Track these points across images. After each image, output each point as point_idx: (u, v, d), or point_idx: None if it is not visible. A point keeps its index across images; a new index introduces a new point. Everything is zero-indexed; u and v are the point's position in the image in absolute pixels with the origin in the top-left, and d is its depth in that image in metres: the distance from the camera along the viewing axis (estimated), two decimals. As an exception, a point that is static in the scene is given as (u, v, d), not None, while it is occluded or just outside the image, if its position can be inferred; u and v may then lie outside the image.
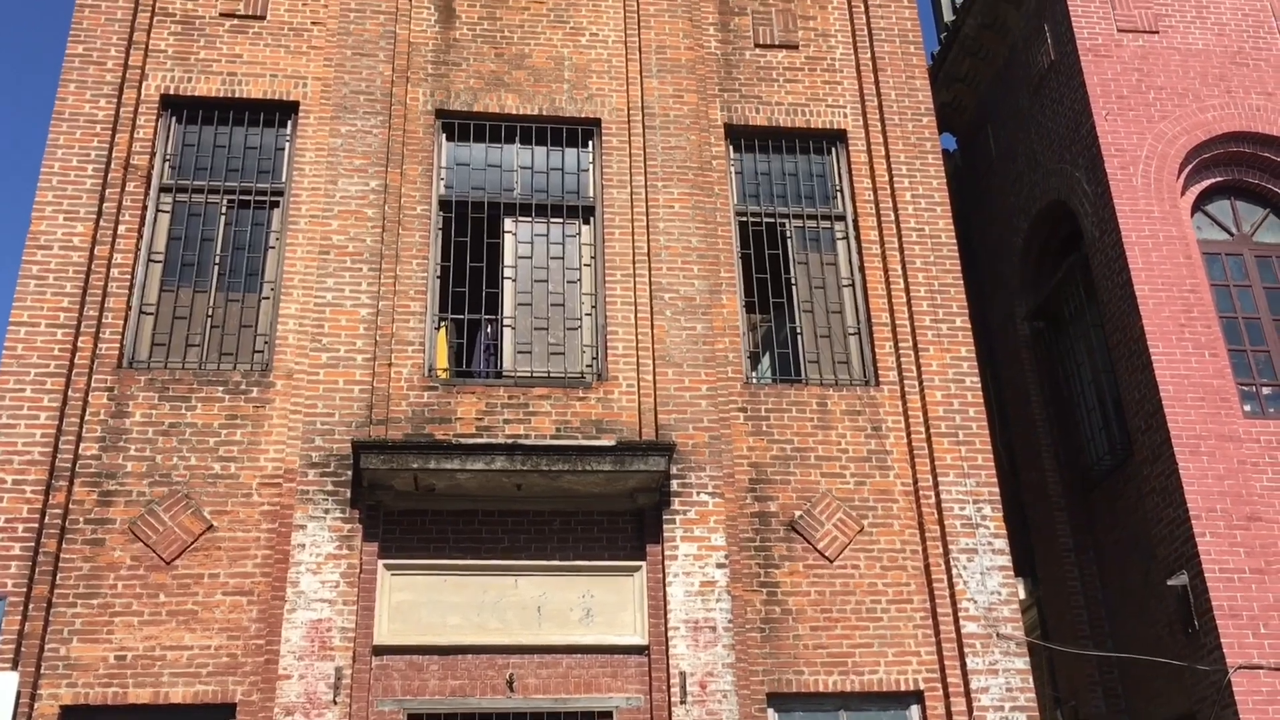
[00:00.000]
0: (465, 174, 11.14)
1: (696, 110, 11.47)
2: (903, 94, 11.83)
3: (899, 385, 10.64)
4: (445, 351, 11.10)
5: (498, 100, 11.32)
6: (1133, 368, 11.56)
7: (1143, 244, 11.68)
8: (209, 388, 9.82)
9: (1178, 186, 12.18)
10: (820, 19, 12.21)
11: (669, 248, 10.86)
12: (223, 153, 10.92)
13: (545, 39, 11.66)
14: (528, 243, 10.96)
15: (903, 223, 11.24)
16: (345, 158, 10.77)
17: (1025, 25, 14.10)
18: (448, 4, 11.69)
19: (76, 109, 10.54)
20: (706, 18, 12.06)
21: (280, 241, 10.54)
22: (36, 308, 9.76)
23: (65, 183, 10.23)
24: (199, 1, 11.34)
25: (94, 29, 10.91)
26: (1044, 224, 13.91)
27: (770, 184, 11.59)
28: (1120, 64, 12.63)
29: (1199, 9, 13.04)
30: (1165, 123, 12.31)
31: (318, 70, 11.19)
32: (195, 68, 11.04)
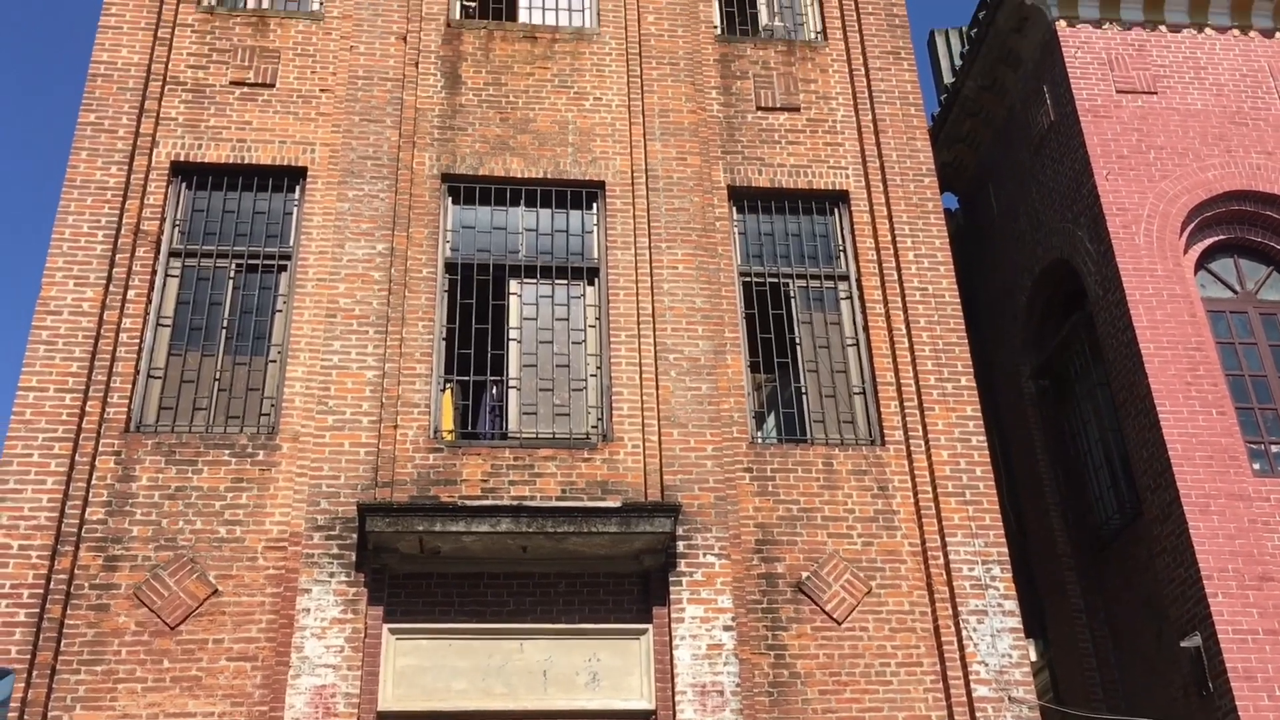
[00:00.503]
0: (471, 236, 11.24)
1: (699, 172, 11.58)
2: (904, 155, 11.93)
3: (905, 445, 10.62)
4: (451, 413, 11.11)
5: (503, 164, 11.44)
6: (1140, 426, 11.54)
7: (1146, 302, 11.71)
8: (215, 451, 9.84)
9: (1180, 245, 12.24)
10: (821, 82, 12.36)
11: (673, 308, 10.91)
12: (231, 218, 11.04)
13: (550, 104, 11.82)
14: (533, 304, 11.02)
15: (906, 282, 11.29)
16: (352, 221, 10.88)
17: (1024, 87, 14.27)
18: (454, 71, 11.86)
19: (88, 176, 10.68)
20: (709, 82, 12.21)
21: (288, 305, 10.61)
22: (45, 373, 9.82)
23: (76, 249, 10.34)
24: (210, 70, 11.53)
25: (106, 98, 11.09)
26: (1047, 282, 13.96)
27: (774, 244, 11.67)
28: (1120, 124, 12.75)
29: (1197, 70, 13.19)
30: (1166, 182, 12.40)
31: (326, 136, 11.33)
32: (205, 135, 11.20)
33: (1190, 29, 13.53)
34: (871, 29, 12.55)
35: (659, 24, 12.34)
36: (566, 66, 12.03)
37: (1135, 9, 13.50)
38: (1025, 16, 13.91)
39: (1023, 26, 14.03)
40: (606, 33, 12.29)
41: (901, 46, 12.50)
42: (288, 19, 11.89)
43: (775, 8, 13.06)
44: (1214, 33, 13.55)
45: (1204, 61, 13.27)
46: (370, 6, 11.98)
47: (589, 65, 12.07)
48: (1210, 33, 13.54)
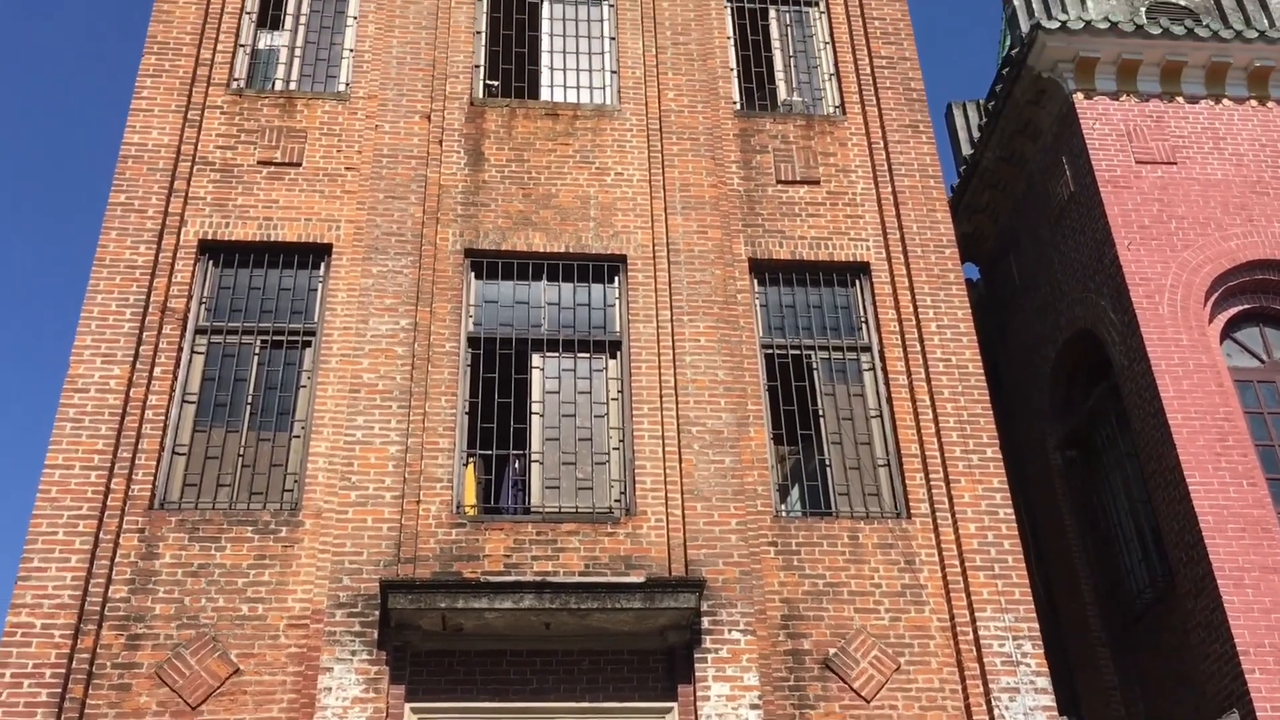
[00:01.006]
0: (493, 311, 11.30)
1: (720, 245, 11.64)
2: (924, 226, 11.97)
3: (931, 518, 10.50)
4: (473, 488, 11.08)
5: (525, 239, 11.54)
6: (1170, 498, 11.39)
7: (1173, 372, 11.63)
8: (238, 528, 9.83)
9: (1205, 314, 12.19)
10: (840, 155, 12.45)
11: (695, 381, 10.90)
12: (257, 294, 11.14)
13: (571, 179, 11.94)
14: (555, 378, 11.04)
15: (929, 353, 11.25)
16: (376, 297, 10.96)
17: (1043, 158, 14.34)
18: (477, 148, 12.02)
19: (117, 255, 10.83)
20: (729, 156, 12.32)
21: (312, 380, 10.66)
22: (72, 450, 9.87)
23: (104, 327, 10.45)
24: (238, 150, 11.72)
25: (136, 178, 11.27)
26: (1072, 352, 13.90)
27: (795, 316, 11.67)
28: (1140, 194, 12.77)
29: (1216, 140, 13.24)
30: (1189, 251, 12.38)
31: (351, 213, 11.47)
32: (233, 213, 11.35)
33: (1208, 100, 13.61)
34: (889, 103, 12.67)
35: (679, 100, 12.50)
36: (588, 143, 12.17)
37: (1152, 81, 13.60)
38: (1042, 89, 14.03)
39: (1040, 99, 14.15)
40: (627, 109, 12.45)
41: (920, 120, 12.61)
42: (314, 100, 12.10)
43: (794, 83, 13.22)
44: (1232, 103, 13.62)
45: (1223, 132, 13.33)
46: (395, 86, 12.19)
47: (610, 141, 12.21)
48: (1228, 103, 13.62)
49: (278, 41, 12.78)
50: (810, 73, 13.25)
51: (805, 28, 13.58)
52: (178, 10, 12.27)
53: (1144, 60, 13.55)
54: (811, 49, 13.42)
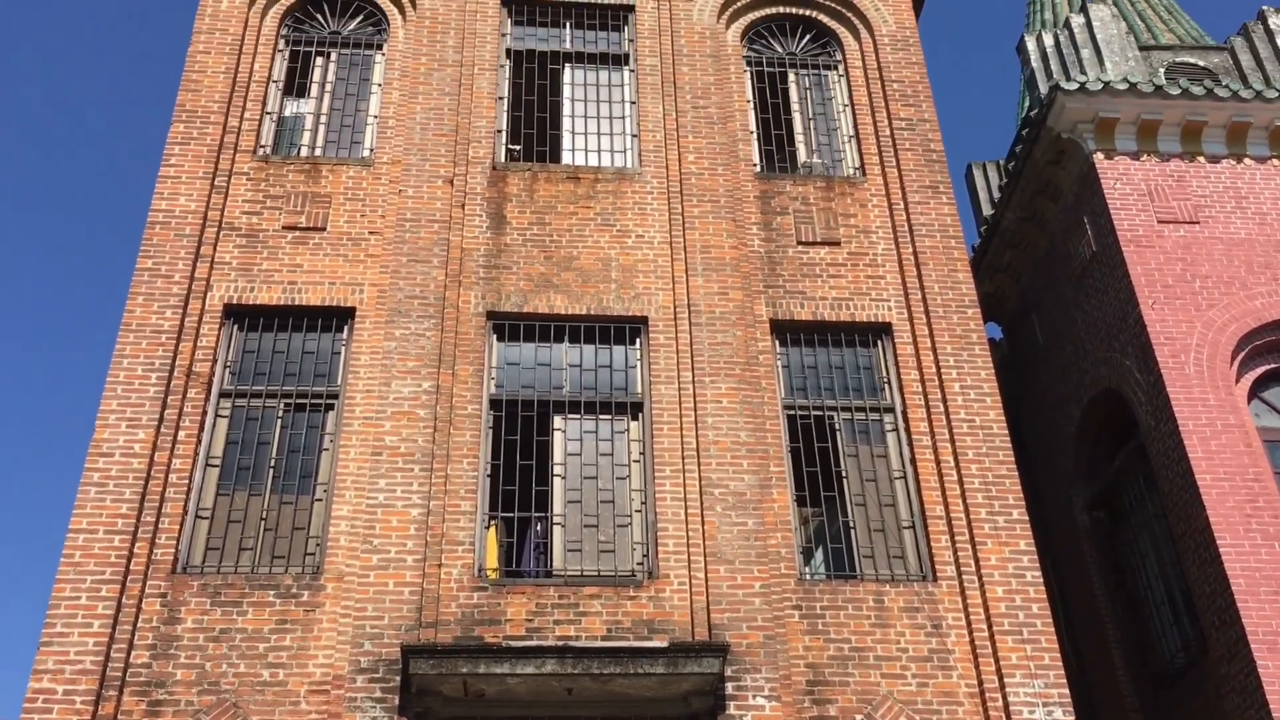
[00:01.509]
0: (515, 373, 11.32)
1: (742, 306, 11.66)
2: (946, 286, 11.95)
3: (958, 581, 10.37)
4: (495, 551, 11.03)
5: (547, 301, 11.58)
6: (1200, 560, 11.23)
7: (1200, 432, 11.52)
8: (260, 592, 9.80)
9: (1231, 374, 12.09)
10: (861, 216, 12.49)
11: (718, 443, 10.86)
12: (281, 358, 11.21)
13: (593, 241, 12.01)
14: (576, 440, 11.02)
15: (952, 414, 11.19)
16: (399, 360, 11.01)
17: (1064, 218, 14.34)
18: (499, 211, 12.13)
19: (144, 320, 10.93)
20: (749, 218, 12.38)
21: (334, 443, 10.69)
22: (95, 514, 9.89)
23: (130, 391, 10.52)
24: (264, 216, 11.86)
25: (164, 244, 11.41)
26: (1097, 412, 13.80)
27: (817, 377, 11.64)
28: (1163, 254, 12.74)
29: (1238, 199, 13.22)
30: (1214, 311, 12.32)
31: (374, 277, 11.56)
32: (258, 278, 11.46)
33: (1229, 159, 13.62)
34: (909, 164, 12.72)
35: (699, 163, 12.59)
36: (609, 205, 12.26)
37: (1173, 140, 13.63)
38: (1062, 149, 14.07)
39: (1060, 159, 14.18)
40: (648, 172, 12.54)
41: (940, 180, 12.65)
42: (339, 165, 12.26)
43: (813, 145, 13.30)
44: (1253, 163, 13.62)
45: (1245, 191, 13.31)
46: (418, 151, 12.34)
47: (631, 204, 12.30)
48: (1250, 163, 13.62)
49: (303, 109, 12.99)
50: (830, 135, 13.34)
51: (824, 90, 13.70)
52: (206, 79, 12.50)
53: (1164, 120, 13.59)
54: (831, 111, 13.53)
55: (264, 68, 12.90)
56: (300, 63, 13.29)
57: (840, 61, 13.83)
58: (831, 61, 13.88)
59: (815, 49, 14.00)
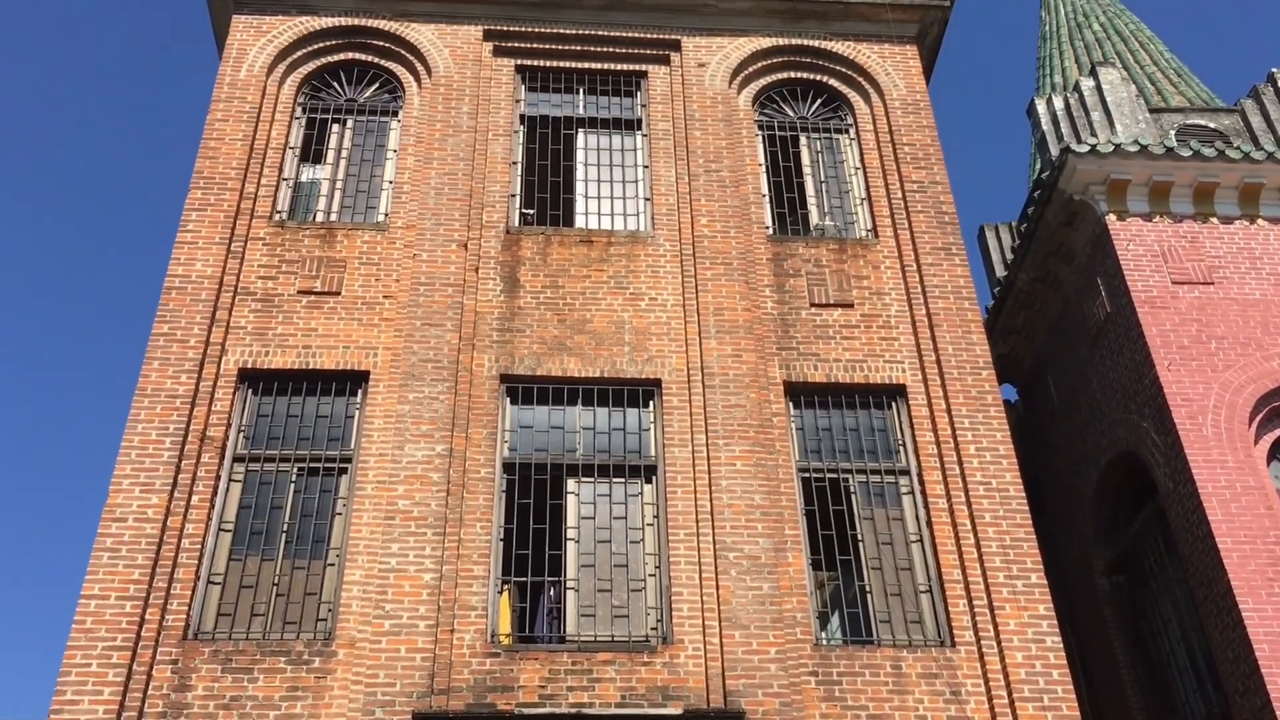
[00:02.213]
0: (529, 436, 11.30)
1: (755, 369, 11.64)
2: (960, 348, 11.92)
3: (976, 646, 10.23)
4: (508, 616, 10.94)
5: (560, 364, 11.59)
6: (1223, 625, 11.06)
7: (1220, 495, 11.41)
8: (271, 658, 9.72)
9: (1250, 435, 11.99)
10: (874, 278, 12.50)
11: (732, 506, 10.80)
12: (295, 422, 11.22)
13: (606, 304, 12.04)
14: (590, 503, 10.96)
15: (968, 476, 11.10)
16: (412, 423, 11.01)
17: (1078, 279, 14.33)
18: (513, 275, 12.19)
19: (159, 385, 10.97)
20: (762, 280, 12.40)
21: (347, 508, 10.65)
22: (108, 580, 9.86)
23: (144, 456, 10.53)
24: (279, 280, 11.94)
25: (179, 309, 11.49)
26: (1115, 474, 13.68)
27: (832, 440, 11.59)
28: (1178, 315, 12.71)
29: (1253, 260, 13.21)
30: (1230, 372, 12.25)
31: (388, 340, 11.60)
32: (272, 342, 11.51)
33: (1242, 220, 13.63)
34: (921, 226, 12.76)
35: (712, 226, 12.66)
36: (622, 268, 12.31)
37: (1185, 202, 13.65)
38: (1074, 211, 14.10)
39: (1073, 220, 14.21)
40: (661, 235, 12.61)
41: (952, 242, 12.67)
42: (354, 230, 12.36)
43: (825, 208, 13.36)
44: (1266, 223, 13.62)
45: (1259, 252, 13.30)
46: (433, 216, 12.44)
47: (644, 267, 12.35)
48: (1263, 223, 13.62)
49: (319, 175, 13.13)
50: (842, 197, 13.40)
51: (836, 153, 13.79)
52: (224, 147, 12.66)
53: (1176, 182, 13.62)
54: (843, 174, 13.61)
55: (281, 135, 13.07)
56: (317, 130, 13.47)
57: (851, 125, 13.94)
58: (843, 125, 13.99)
59: (826, 113, 14.12)
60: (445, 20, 14.03)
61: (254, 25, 13.72)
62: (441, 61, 13.70)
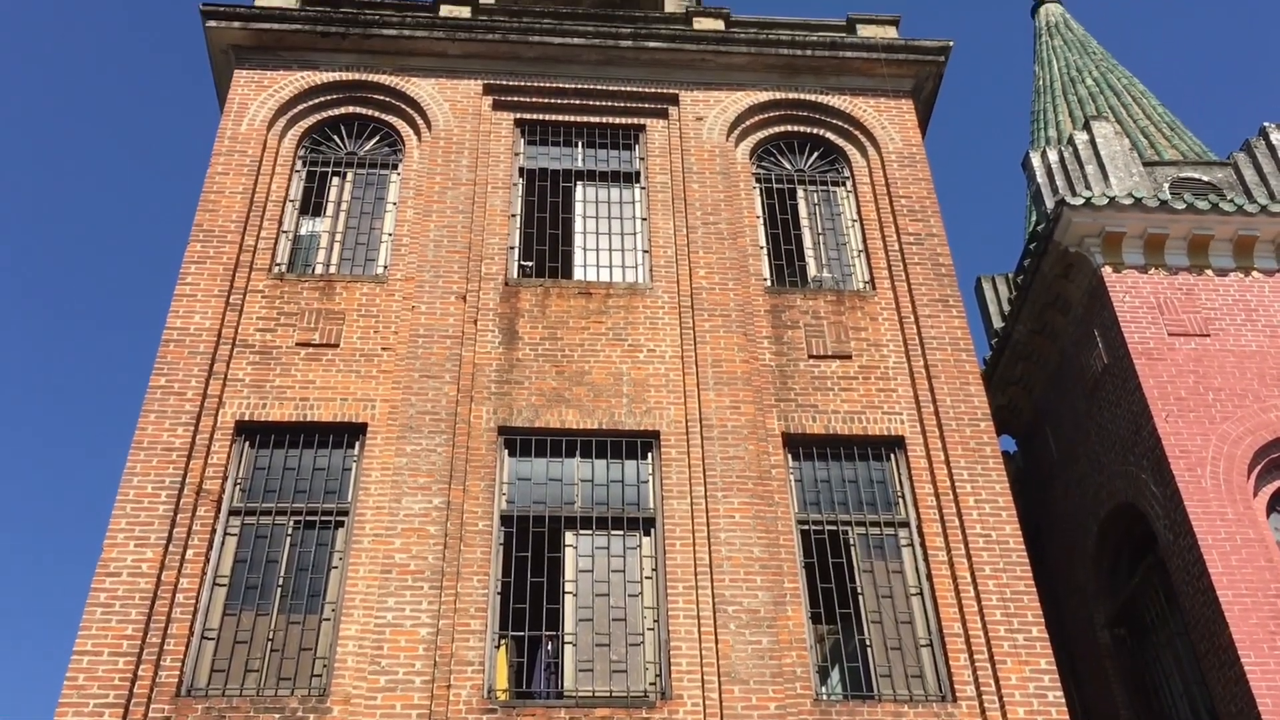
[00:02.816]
0: (527, 488, 11.26)
1: (754, 420, 11.63)
2: (958, 400, 11.92)
3: (978, 701, 10.13)
4: (505, 671, 10.84)
5: (558, 416, 11.58)
6: (1225, 679, 10.97)
7: (1220, 547, 11.36)
8: (266, 715, 9.61)
9: (1249, 487, 11.97)
10: (871, 330, 12.52)
11: (731, 558, 10.74)
12: (291, 474, 11.17)
13: (604, 356, 12.05)
14: (588, 556, 10.90)
15: (968, 529, 11.06)
16: (410, 476, 10.97)
17: (1075, 330, 14.37)
18: (511, 326, 12.21)
19: (155, 438, 10.94)
20: (760, 332, 12.42)
21: (343, 561, 10.58)
22: (101, 636, 9.76)
23: (139, 509, 10.47)
24: (277, 333, 11.95)
25: (177, 362, 11.48)
26: (1114, 526, 13.64)
27: (831, 491, 11.55)
28: (1175, 366, 12.73)
29: (1248, 312, 13.25)
30: (1228, 424, 12.25)
31: (386, 392, 11.58)
32: (270, 394, 11.49)
33: (1237, 272, 13.69)
34: (919, 278, 12.80)
35: (710, 278, 12.70)
36: (621, 320, 12.33)
37: (1180, 254, 13.72)
38: (1070, 263, 14.16)
39: (1069, 272, 14.27)
40: (659, 287, 12.65)
41: (950, 294, 12.71)
42: (353, 282, 12.39)
43: (823, 259, 13.41)
44: (1262, 275, 13.68)
45: (1254, 304, 13.35)
46: (432, 268, 12.48)
47: (642, 319, 12.37)
48: (1258, 275, 13.68)
49: (319, 227, 13.19)
50: (839, 249, 13.46)
51: (833, 206, 13.87)
52: (224, 200, 12.72)
53: (1170, 234, 13.70)
54: (840, 226, 13.67)
55: (281, 188, 13.14)
56: (317, 182, 13.54)
57: (848, 178, 14.03)
58: (840, 178, 14.08)
59: (823, 165, 14.22)
60: (446, 75, 14.17)
61: (256, 80, 13.85)
62: (441, 115, 13.81)
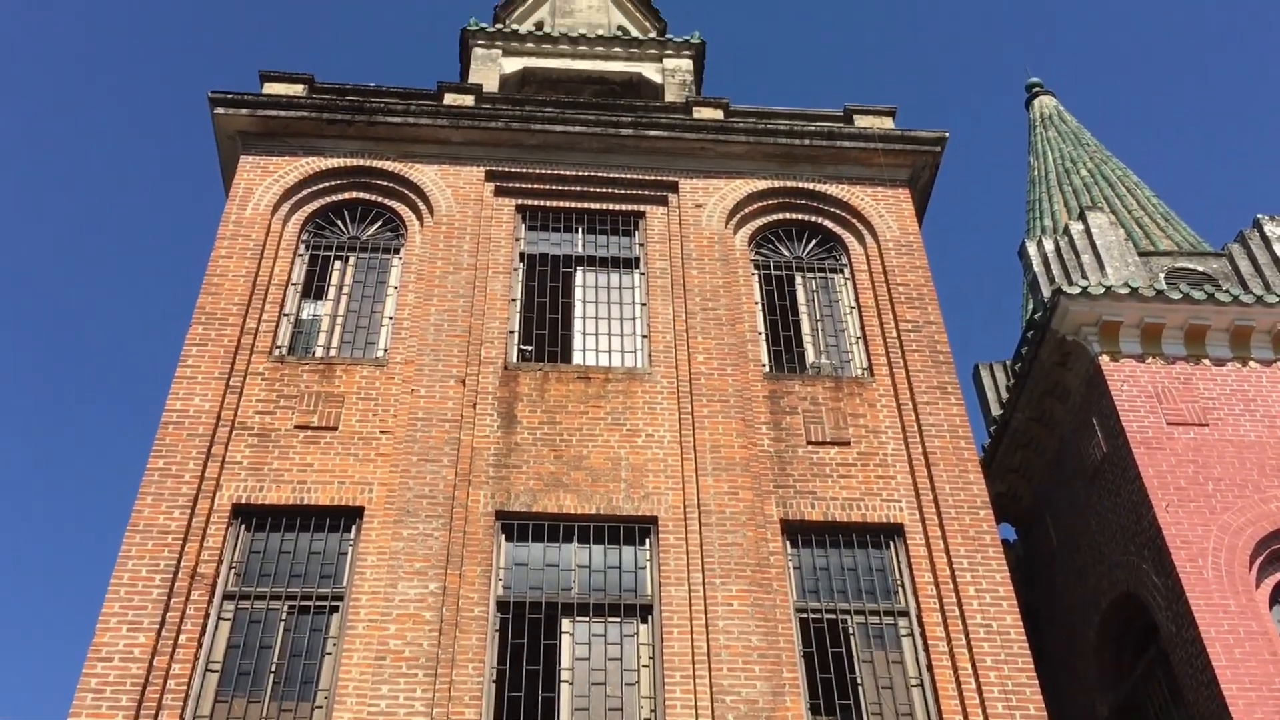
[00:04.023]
0: (524, 574, 11.17)
1: (752, 507, 11.58)
2: (957, 487, 11.88)
3: (980, 797, 9.94)
4: (499, 761, 10.65)
5: (556, 500, 11.53)
6: (1231, 775, 10.80)
7: (1223, 640, 11.25)
8: (254, 806, 9.42)
9: (1251, 579, 11.89)
10: (870, 416, 12.53)
11: (729, 647, 10.61)
12: (287, 558, 11.09)
13: (603, 440, 12.03)
14: (585, 644, 10.78)
15: (968, 618, 10.95)
16: (406, 561, 10.88)
17: (1073, 418, 14.38)
18: (510, 410, 12.21)
19: (151, 521, 10.87)
20: (759, 417, 12.43)
21: (337, 648, 10.45)
22: (90, 722, 9.60)
23: (133, 593, 10.37)
24: (276, 415, 11.94)
25: (176, 444, 11.45)
26: (1117, 616, 13.51)
27: (830, 579, 11.45)
28: (1174, 456, 12.72)
29: (1246, 402, 13.28)
30: (1229, 514, 12.21)
31: (384, 476, 11.55)
32: (268, 477, 11.45)
33: (1234, 362, 13.74)
34: (917, 365, 12.84)
35: (708, 363, 12.73)
36: (619, 405, 12.34)
37: (1177, 344, 13.79)
38: (1068, 351, 14.23)
39: (1066, 361, 14.32)
40: (658, 372, 12.68)
41: (948, 381, 12.74)
42: (353, 365, 12.42)
43: (821, 346, 13.47)
44: (1259, 365, 13.74)
45: (1252, 394, 13.38)
46: (432, 352, 12.52)
47: (641, 403, 12.38)
48: (1255, 365, 13.74)
49: (320, 310, 13.26)
50: (837, 336, 13.52)
51: (831, 293, 13.97)
52: (227, 283, 12.80)
53: (1167, 324, 13.79)
54: (838, 313, 13.75)
55: (284, 271, 13.24)
56: (319, 266, 13.64)
57: (846, 265, 14.15)
58: (837, 265, 14.20)
59: (821, 253, 14.36)
60: (448, 161, 14.37)
61: (261, 165, 14.04)
62: (444, 201, 13.98)
